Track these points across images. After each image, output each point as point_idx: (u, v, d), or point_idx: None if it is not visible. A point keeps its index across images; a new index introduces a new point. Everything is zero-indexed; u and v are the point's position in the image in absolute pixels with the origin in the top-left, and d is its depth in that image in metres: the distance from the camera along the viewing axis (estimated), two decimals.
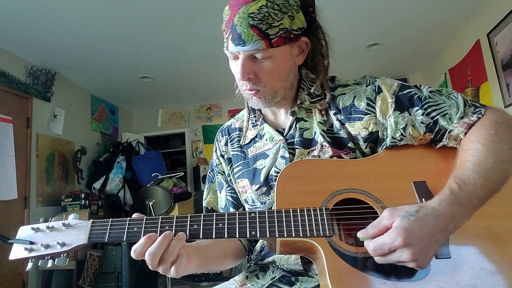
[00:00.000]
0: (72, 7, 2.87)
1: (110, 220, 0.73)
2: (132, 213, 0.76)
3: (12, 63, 3.52)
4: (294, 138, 0.88)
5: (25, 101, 3.68)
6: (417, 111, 0.81)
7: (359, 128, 0.84)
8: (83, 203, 3.85)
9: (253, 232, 0.70)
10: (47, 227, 0.74)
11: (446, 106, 0.80)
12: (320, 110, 0.89)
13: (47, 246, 0.71)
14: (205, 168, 5.34)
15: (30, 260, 0.72)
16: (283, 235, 0.70)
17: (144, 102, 5.74)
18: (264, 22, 0.75)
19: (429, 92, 0.82)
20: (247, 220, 0.72)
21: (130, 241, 0.71)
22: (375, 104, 0.84)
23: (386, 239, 0.62)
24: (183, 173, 4.75)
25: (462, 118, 0.78)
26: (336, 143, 0.85)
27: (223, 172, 1.02)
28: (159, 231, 0.71)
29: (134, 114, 6.19)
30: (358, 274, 0.67)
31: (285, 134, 0.90)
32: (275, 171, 0.87)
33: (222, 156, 1.01)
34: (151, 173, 4.16)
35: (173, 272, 0.69)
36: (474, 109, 0.79)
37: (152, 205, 3.61)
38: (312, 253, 0.74)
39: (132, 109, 6.12)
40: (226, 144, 1.01)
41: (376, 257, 0.64)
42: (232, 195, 0.99)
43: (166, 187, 3.82)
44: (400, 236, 0.61)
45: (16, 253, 0.72)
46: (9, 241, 0.72)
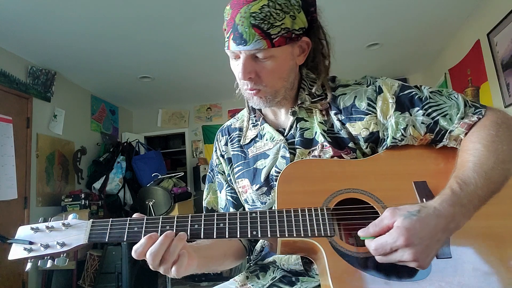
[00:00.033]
0: (72, 7, 2.87)
1: (110, 220, 0.72)
2: (132, 213, 0.76)
3: (12, 63, 3.52)
4: (295, 138, 0.88)
5: (25, 101, 3.67)
6: (418, 112, 0.81)
7: (360, 128, 0.84)
8: (83, 203, 3.85)
9: (254, 232, 0.70)
10: (47, 227, 0.73)
11: (447, 107, 0.80)
12: (321, 110, 0.89)
13: (47, 246, 0.71)
14: (205, 168, 5.33)
15: (30, 260, 0.71)
16: (284, 235, 0.70)
17: (144, 102, 5.74)
18: (266, 22, 0.75)
19: (430, 93, 0.83)
20: (248, 220, 0.71)
21: (131, 241, 0.70)
22: (376, 105, 0.84)
23: (388, 239, 0.62)
24: (183, 173, 4.75)
25: (463, 119, 0.78)
26: (337, 143, 0.85)
27: (223, 172, 1.01)
28: (160, 231, 0.70)
29: (134, 114, 6.19)
30: (359, 274, 0.67)
31: (286, 134, 0.90)
32: (276, 171, 0.87)
33: (222, 156, 1.01)
34: (151, 173, 4.16)
35: (174, 272, 0.69)
36: (475, 110, 0.79)
37: (152, 205, 3.61)
38: (313, 253, 0.74)
39: (132, 109, 6.12)
40: (226, 144, 1.01)
41: (378, 257, 0.64)
42: (232, 195, 0.99)
43: (166, 187, 3.82)
44: (402, 236, 0.61)
45: (15, 253, 0.71)
46: (8, 241, 0.72)
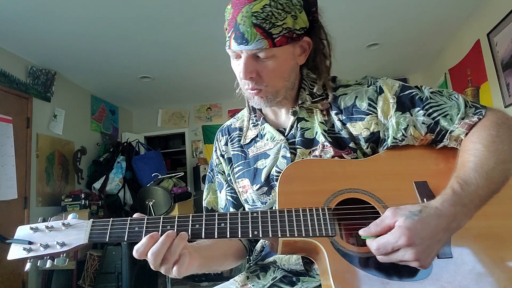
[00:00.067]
0: (72, 7, 2.87)
1: (111, 220, 0.72)
2: (132, 213, 0.75)
3: (12, 63, 3.52)
4: (295, 138, 0.88)
5: (25, 101, 3.67)
6: (419, 112, 0.81)
7: (361, 128, 0.84)
8: (83, 203, 3.85)
9: (256, 232, 0.70)
10: (46, 227, 0.72)
11: (447, 107, 0.80)
12: (322, 110, 0.89)
13: (46, 246, 0.70)
14: (205, 168, 5.33)
15: (29, 260, 0.70)
16: (286, 235, 0.70)
17: (144, 102, 5.74)
18: (268, 22, 0.75)
19: (430, 93, 0.83)
20: (249, 220, 0.71)
21: (131, 241, 0.70)
22: (377, 105, 0.84)
23: (390, 238, 0.62)
24: (183, 173, 4.75)
25: (463, 119, 0.78)
26: (338, 143, 0.85)
27: (223, 172, 1.01)
28: (161, 231, 0.70)
29: (134, 114, 6.18)
30: (361, 274, 0.67)
31: (286, 134, 0.90)
32: (276, 171, 0.87)
33: (222, 156, 1.01)
34: (151, 173, 4.16)
35: (175, 272, 0.69)
36: (475, 110, 0.79)
37: (152, 205, 3.61)
38: (315, 253, 0.74)
39: (132, 109, 6.11)
40: (226, 144, 1.01)
41: (379, 256, 0.64)
42: (232, 195, 0.98)
43: (166, 187, 3.81)
44: (404, 236, 0.61)
45: (14, 253, 0.70)
46: (7, 241, 0.71)
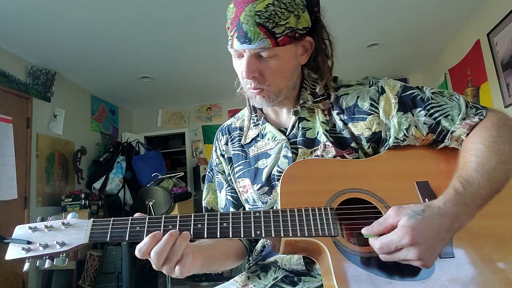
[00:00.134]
0: (72, 7, 2.87)
1: (112, 219, 0.71)
2: (132, 213, 0.74)
3: (12, 63, 3.51)
4: (297, 138, 0.88)
5: (25, 101, 3.67)
6: (420, 112, 0.81)
7: (362, 128, 0.84)
8: (83, 203, 3.84)
9: (258, 232, 0.70)
10: (46, 227, 0.71)
11: (448, 107, 0.80)
12: (323, 110, 0.89)
13: (46, 246, 0.69)
14: (205, 168, 5.33)
15: (27, 260, 0.69)
16: (289, 235, 0.69)
17: (144, 102, 5.73)
18: (271, 21, 0.75)
19: (432, 94, 0.83)
20: (252, 220, 0.71)
21: (133, 241, 0.69)
22: (378, 105, 0.84)
23: (393, 238, 0.62)
24: (183, 173, 4.75)
25: (464, 120, 0.79)
26: (339, 143, 0.85)
27: (223, 172, 1.01)
28: (163, 231, 0.69)
29: (134, 114, 6.18)
30: (364, 274, 0.67)
31: (288, 134, 0.90)
32: (278, 171, 0.87)
33: (222, 156, 1.00)
34: (151, 173, 4.16)
35: (178, 272, 0.68)
36: (476, 111, 0.79)
37: (152, 205, 3.61)
38: (317, 253, 0.74)
39: (132, 109, 6.11)
40: (227, 144, 1.01)
41: (382, 255, 0.65)
42: (233, 195, 0.98)
43: (166, 187, 3.82)
44: (407, 235, 0.61)
45: (13, 253, 0.69)
46: (5, 241, 0.70)
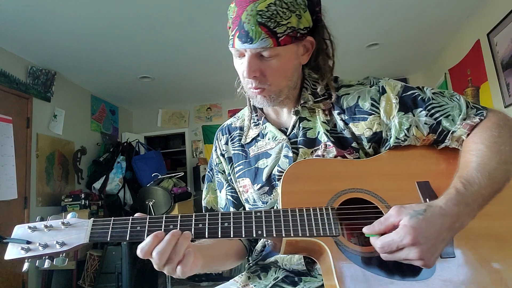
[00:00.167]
0: (72, 7, 2.87)
1: (112, 219, 0.70)
2: (132, 213, 0.74)
3: (12, 63, 3.51)
4: (297, 138, 0.88)
5: (25, 101, 3.67)
6: (421, 112, 0.81)
7: (363, 128, 0.84)
8: (83, 203, 3.84)
9: (260, 232, 0.69)
10: (45, 226, 0.70)
11: (449, 108, 0.81)
12: (324, 110, 0.89)
13: (46, 246, 0.68)
14: (205, 168, 5.31)
15: (27, 260, 0.69)
16: (290, 235, 0.69)
17: (144, 102, 5.73)
18: (272, 20, 0.75)
19: (432, 94, 0.83)
20: (253, 220, 0.71)
21: (133, 241, 0.69)
22: (379, 105, 0.84)
23: (395, 237, 0.62)
24: (183, 173, 4.75)
25: (465, 120, 0.79)
26: (340, 143, 0.85)
27: (223, 171, 1.01)
28: (164, 230, 0.69)
29: (134, 114, 6.18)
30: (365, 274, 0.67)
31: (288, 134, 0.90)
32: (278, 170, 0.87)
33: (223, 155, 1.00)
34: (151, 173, 4.16)
35: (179, 272, 0.67)
36: (476, 111, 0.80)
37: (152, 205, 3.61)
38: (318, 253, 0.74)
39: (132, 109, 6.11)
40: (227, 143, 1.01)
41: (383, 254, 0.65)
42: (233, 195, 0.98)
43: (166, 187, 3.81)
44: (409, 235, 0.61)
45: (12, 253, 0.68)
46: (4, 241, 0.69)
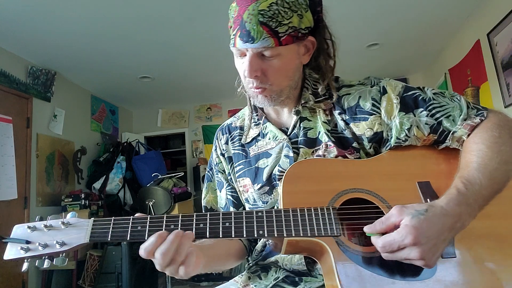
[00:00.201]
0: (72, 7, 2.87)
1: (113, 219, 0.70)
2: (133, 213, 0.73)
3: (12, 63, 3.51)
4: (298, 138, 0.88)
5: (25, 101, 3.67)
6: (422, 112, 0.81)
7: (364, 128, 0.84)
8: (83, 203, 3.84)
9: (261, 232, 0.69)
10: (45, 226, 0.70)
11: (450, 108, 0.81)
12: (324, 110, 0.89)
13: (45, 246, 0.68)
14: (205, 168, 5.27)
15: (26, 260, 0.68)
16: (291, 235, 0.69)
17: (144, 102, 5.73)
18: (274, 20, 0.74)
19: (433, 94, 0.83)
20: (254, 220, 0.70)
21: (134, 240, 0.68)
22: (380, 105, 0.84)
23: (396, 237, 0.62)
24: (183, 173, 4.75)
25: (466, 120, 0.79)
26: (341, 143, 0.85)
27: (223, 171, 1.01)
28: (165, 230, 0.68)
29: (134, 114, 6.18)
30: (367, 274, 0.67)
31: (289, 133, 0.90)
32: (279, 170, 0.87)
33: (223, 155, 1.00)
34: (151, 173, 4.16)
35: (182, 272, 0.67)
36: (477, 112, 0.80)
37: (152, 205, 3.60)
38: (319, 253, 0.74)
39: (132, 109, 6.11)
40: (227, 143, 1.00)
41: (384, 254, 0.65)
42: (233, 194, 0.98)
43: (166, 187, 3.81)
44: (410, 235, 0.61)
45: (11, 253, 0.68)
46: (3, 241, 0.69)
